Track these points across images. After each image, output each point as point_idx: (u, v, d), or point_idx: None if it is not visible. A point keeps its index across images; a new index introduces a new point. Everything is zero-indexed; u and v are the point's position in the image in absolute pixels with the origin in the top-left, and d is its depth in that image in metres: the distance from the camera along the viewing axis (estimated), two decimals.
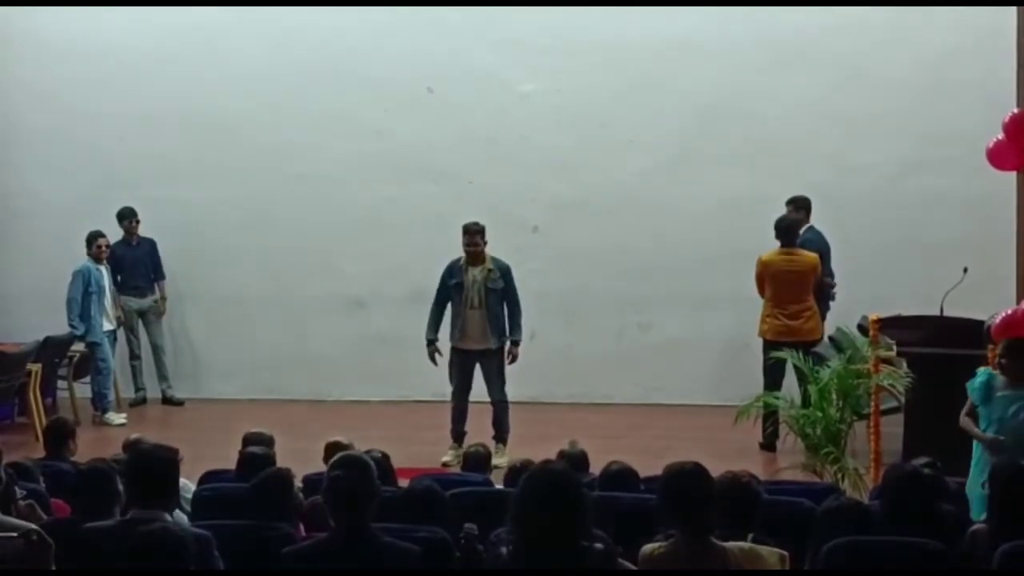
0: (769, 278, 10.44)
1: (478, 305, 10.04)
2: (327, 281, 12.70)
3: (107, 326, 11.89)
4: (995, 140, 7.99)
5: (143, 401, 12.48)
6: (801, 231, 10.80)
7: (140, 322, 12.50)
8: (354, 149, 12.62)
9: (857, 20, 12.01)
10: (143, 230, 12.46)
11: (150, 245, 12.53)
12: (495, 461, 8.95)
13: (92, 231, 11.88)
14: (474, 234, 10.06)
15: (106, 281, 11.88)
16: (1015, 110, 7.87)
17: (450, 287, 10.11)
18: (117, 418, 11.70)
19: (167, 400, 12.53)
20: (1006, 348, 7.12)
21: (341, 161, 12.64)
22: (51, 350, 11.41)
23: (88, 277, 11.70)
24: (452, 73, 12.52)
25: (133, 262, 12.37)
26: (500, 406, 10.14)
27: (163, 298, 12.60)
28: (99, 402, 11.81)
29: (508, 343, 10.14)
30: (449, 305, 10.15)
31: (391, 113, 12.60)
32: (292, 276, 12.77)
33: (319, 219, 12.70)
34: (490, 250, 10.18)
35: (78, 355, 11.84)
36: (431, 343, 10.16)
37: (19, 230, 13.00)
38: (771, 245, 10.57)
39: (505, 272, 10.14)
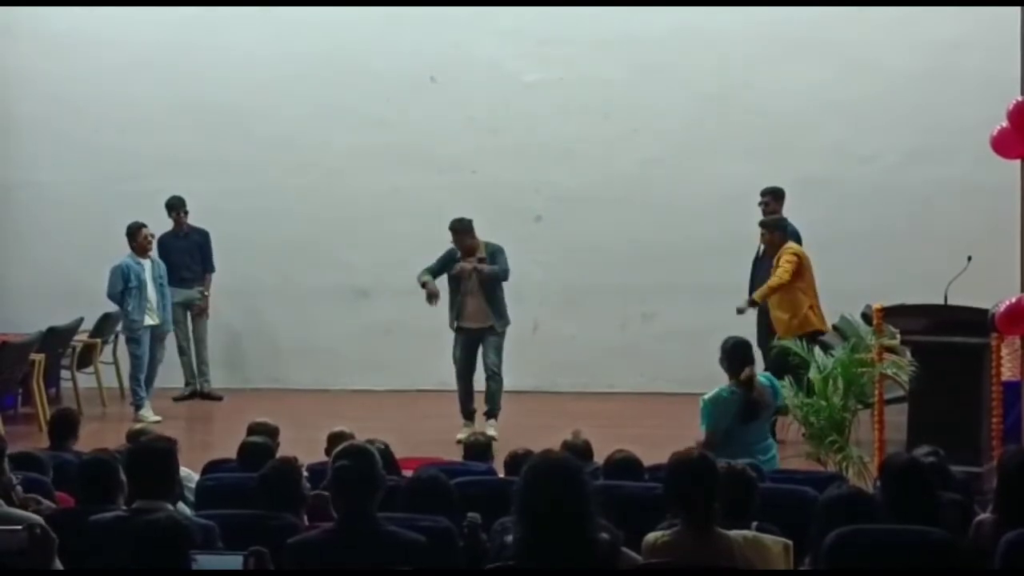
0: (807, 271, 10.36)
1: (477, 291, 10.22)
2: (330, 271, 12.70)
3: (148, 321, 11.32)
4: (1000, 128, 7.95)
5: (191, 395, 12.14)
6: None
7: (187, 315, 12.14)
8: (357, 139, 12.61)
9: (861, 9, 11.98)
10: (150, 223, 12.32)
11: (201, 236, 12.22)
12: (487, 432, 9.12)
13: (132, 223, 11.35)
14: (461, 234, 10.23)
15: (148, 275, 11.30)
16: (1020, 98, 7.84)
17: (450, 275, 10.30)
18: (151, 416, 11.13)
19: (203, 395, 12.19)
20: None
21: (344, 152, 12.64)
22: (54, 340, 11.39)
23: (127, 272, 11.18)
24: (455, 63, 12.52)
25: (180, 253, 12.04)
26: (496, 380, 10.28)
27: (205, 293, 12.18)
28: (132, 397, 11.47)
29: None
30: (448, 290, 10.33)
31: (394, 103, 12.60)
32: (295, 266, 12.78)
33: (322, 210, 12.70)
34: (491, 239, 10.30)
35: (81, 345, 11.82)
36: (425, 284, 10.23)
37: (23, 222, 13.00)
38: None
39: (493, 252, 10.28)
